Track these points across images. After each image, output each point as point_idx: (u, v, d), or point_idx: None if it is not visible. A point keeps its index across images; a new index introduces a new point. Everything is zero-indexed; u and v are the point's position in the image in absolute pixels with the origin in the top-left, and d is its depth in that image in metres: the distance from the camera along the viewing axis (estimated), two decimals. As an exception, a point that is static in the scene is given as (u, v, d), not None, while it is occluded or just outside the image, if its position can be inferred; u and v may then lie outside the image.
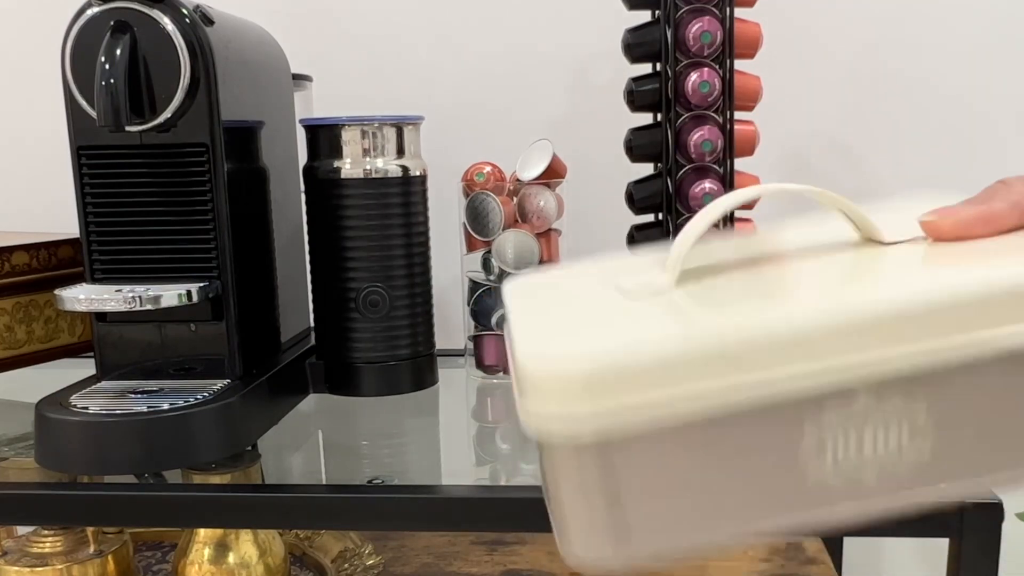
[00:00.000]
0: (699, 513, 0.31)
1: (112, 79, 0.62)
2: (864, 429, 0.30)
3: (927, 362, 0.30)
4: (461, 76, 1.07)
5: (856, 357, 0.29)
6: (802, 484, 0.31)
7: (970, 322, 0.30)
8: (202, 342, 0.71)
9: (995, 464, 0.32)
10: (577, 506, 0.32)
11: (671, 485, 0.31)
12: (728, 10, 0.79)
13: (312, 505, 0.61)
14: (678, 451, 0.30)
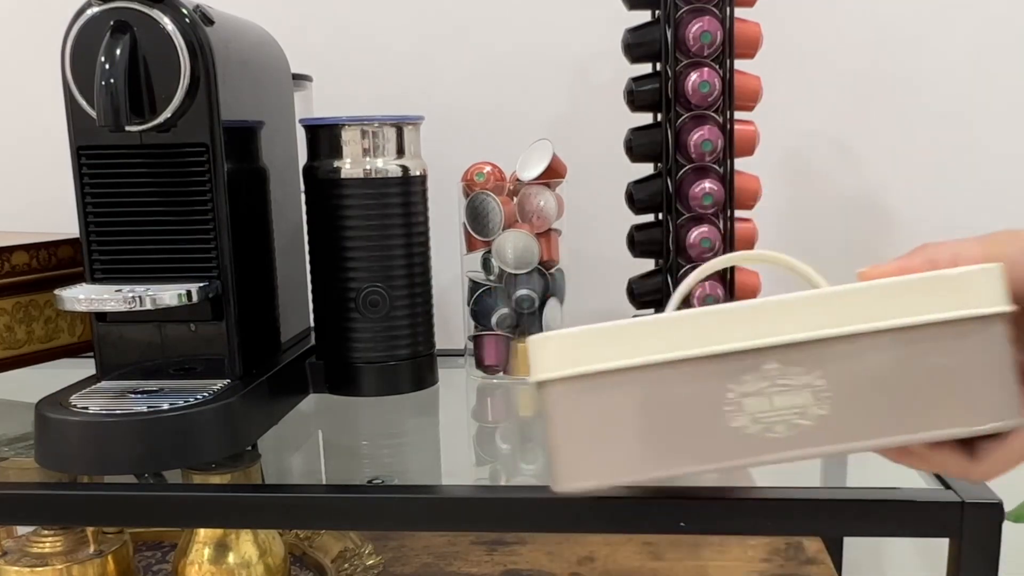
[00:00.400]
0: (649, 451, 0.44)
1: (112, 79, 0.62)
2: (774, 391, 0.41)
3: (819, 336, 0.40)
4: (461, 76, 1.07)
5: (767, 333, 0.41)
6: (728, 432, 0.42)
7: (854, 310, 0.41)
8: (202, 342, 0.71)
9: (885, 429, 0.41)
10: (562, 437, 0.45)
11: (627, 425, 0.43)
12: (728, 10, 0.79)
13: (312, 505, 0.61)
14: (633, 396, 0.43)
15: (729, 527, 0.61)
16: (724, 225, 0.82)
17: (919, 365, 0.41)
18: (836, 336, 0.41)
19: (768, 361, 0.41)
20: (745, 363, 0.41)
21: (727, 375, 0.42)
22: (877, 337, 0.41)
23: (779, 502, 0.58)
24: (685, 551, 0.96)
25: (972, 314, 0.40)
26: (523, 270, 0.86)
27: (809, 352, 0.41)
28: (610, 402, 0.43)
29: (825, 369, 0.41)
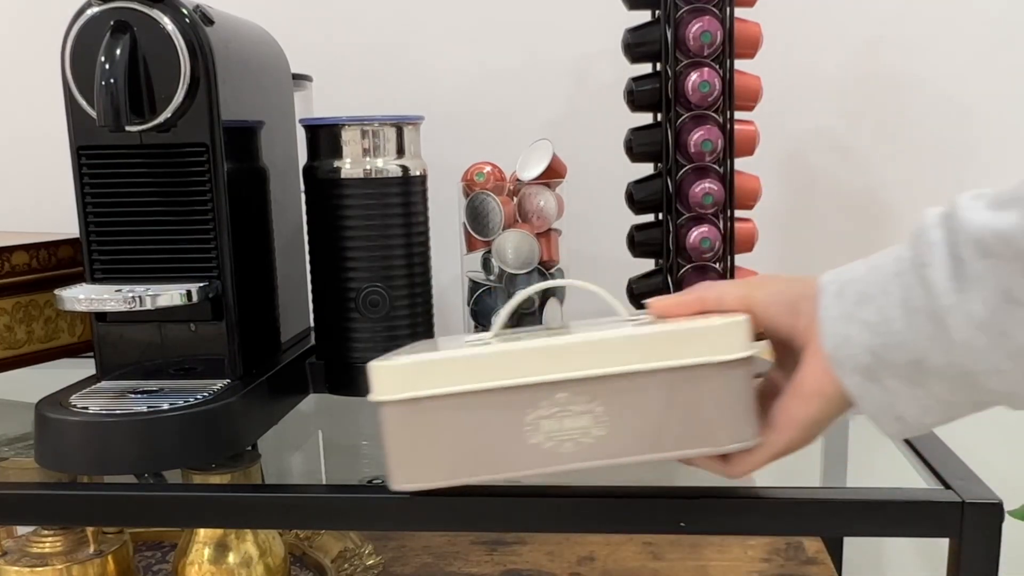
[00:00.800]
0: (466, 461, 0.52)
1: (112, 79, 0.62)
2: (564, 415, 0.51)
3: (598, 374, 0.50)
4: (461, 76, 1.07)
5: (558, 370, 0.50)
6: (527, 447, 0.51)
7: (627, 353, 0.50)
8: (202, 342, 0.71)
9: (650, 448, 0.51)
10: (394, 446, 0.54)
11: (447, 439, 0.52)
12: (728, 10, 0.79)
13: (312, 505, 0.61)
14: (451, 417, 0.52)
15: (729, 527, 0.61)
16: (724, 225, 0.82)
17: (677, 398, 0.51)
18: (612, 374, 0.50)
19: (559, 392, 0.50)
20: (541, 393, 0.50)
21: (527, 402, 0.51)
22: (644, 375, 0.50)
23: (779, 502, 0.58)
24: (685, 551, 0.96)
25: (718, 360, 0.50)
26: (523, 270, 0.86)
27: (591, 385, 0.50)
28: (432, 420, 0.52)
29: (603, 399, 0.50)
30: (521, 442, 0.51)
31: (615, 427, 0.51)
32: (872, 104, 1.05)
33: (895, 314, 0.47)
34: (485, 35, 1.07)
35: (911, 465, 0.66)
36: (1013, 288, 0.43)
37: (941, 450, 0.66)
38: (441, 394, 0.51)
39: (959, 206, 0.45)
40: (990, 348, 0.44)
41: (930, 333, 0.46)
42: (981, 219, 0.44)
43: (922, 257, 0.46)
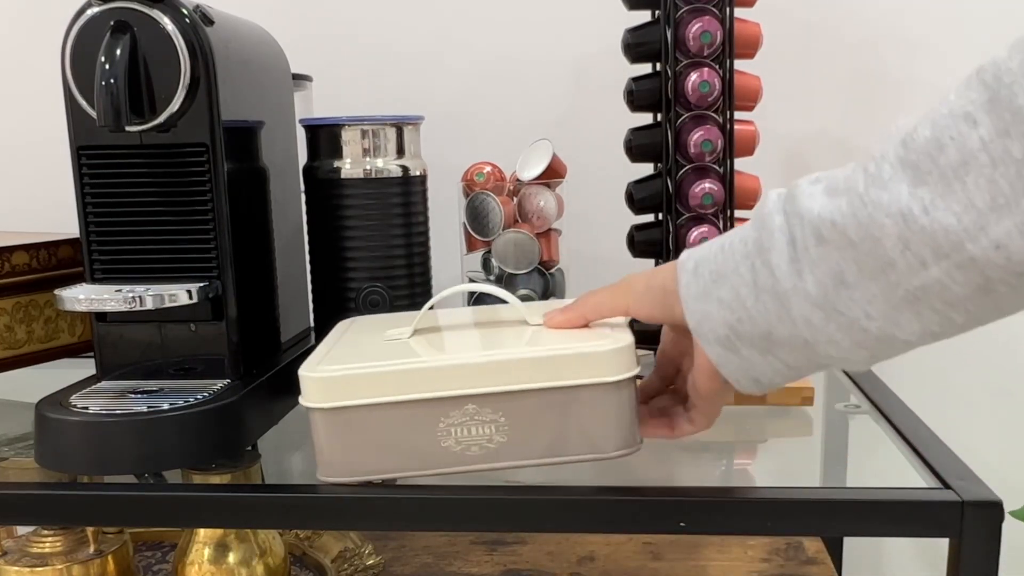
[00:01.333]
0: (387, 459, 0.59)
1: (112, 79, 0.62)
2: (472, 424, 0.58)
3: (500, 391, 0.57)
4: (461, 76, 1.07)
5: (467, 386, 0.57)
6: (440, 449, 0.58)
7: (524, 373, 0.58)
8: (202, 342, 0.71)
9: (545, 453, 0.59)
10: (322, 444, 0.60)
11: (370, 441, 0.59)
12: (728, 10, 0.79)
13: (312, 505, 0.61)
14: (374, 422, 0.58)
15: (729, 527, 0.61)
16: (724, 225, 0.82)
17: (569, 412, 0.58)
18: (513, 391, 0.58)
19: (468, 403, 0.58)
20: (453, 404, 0.58)
21: (440, 411, 0.58)
22: (541, 393, 0.58)
23: (779, 502, 0.58)
24: (685, 551, 0.96)
25: (605, 381, 0.58)
26: (523, 270, 0.86)
27: (495, 400, 0.58)
28: (356, 426, 0.58)
29: (505, 411, 0.58)
30: (435, 445, 0.58)
31: (515, 435, 0.58)
32: (872, 104, 1.05)
33: (746, 293, 0.52)
34: (485, 35, 1.07)
35: (911, 465, 0.66)
36: (844, 272, 0.48)
37: (941, 450, 0.66)
38: (364, 404, 0.58)
39: (799, 192, 0.50)
40: (825, 323, 0.50)
41: (776, 310, 0.51)
42: (817, 207, 0.49)
43: (765, 242, 0.51)
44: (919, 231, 0.45)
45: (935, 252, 0.45)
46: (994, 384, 0.73)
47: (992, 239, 0.44)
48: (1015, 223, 0.43)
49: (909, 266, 0.46)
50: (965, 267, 0.45)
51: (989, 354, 1.10)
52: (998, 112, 0.43)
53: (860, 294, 0.49)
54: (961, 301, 0.47)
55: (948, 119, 0.45)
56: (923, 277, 0.46)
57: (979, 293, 0.46)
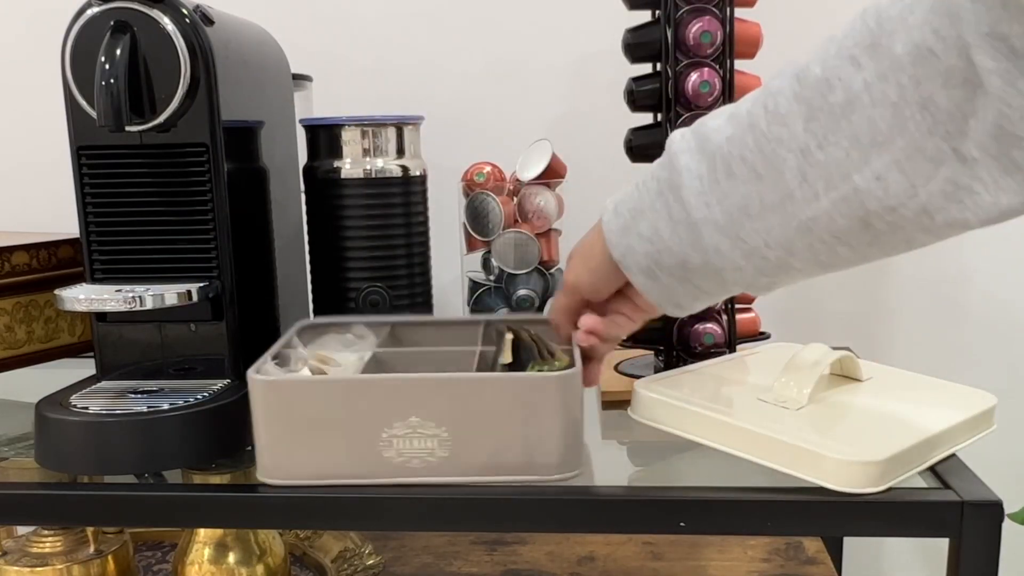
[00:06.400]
0: (327, 465, 0.60)
1: (112, 79, 0.62)
2: (414, 437, 0.59)
3: (443, 407, 0.59)
4: (461, 76, 1.07)
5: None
6: (380, 459, 0.59)
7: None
8: (202, 342, 0.71)
9: (488, 471, 0.60)
10: (264, 445, 0.61)
11: (312, 446, 0.60)
12: (728, 10, 0.79)
13: (312, 505, 0.61)
14: (319, 431, 0.59)
15: (729, 527, 0.61)
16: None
17: (512, 433, 0.59)
18: (456, 408, 0.59)
19: (412, 416, 0.58)
20: (396, 415, 0.59)
21: (383, 422, 0.59)
22: (484, 413, 0.59)
23: (779, 502, 0.58)
24: (685, 551, 0.96)
25: (551, 405, 0.59)
26: (523, 270, 0.86)
27: (438, 415, 0.59)
28: (300, 429, 0.59)
29: (448, 427, 0.59)
30: (376, 455, 0.59)
31: (456, 451, 0.59)
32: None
33: (662, 226, 0.57)
34: (485, 35, 1.07)
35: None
36: (749, 205, 0.53)
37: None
38: (308, 412, 0.59)
39: (706, 130, 0.55)
40: (731, 250, 0.55)
41: (689, 240, 0.56)
42: (725, 143, 0.53)
43: (675, 180, 0.56)
44: (815, 164, 0.50)
45: (827, 183, 0.50)
46: (994, 384, 0.73)
47: (873, 171, 0.49)
48: (892, 158, 0.48)
49: (804, 197, 0.51)
50: (849, 199, 0.50)
51: (989, 354, 1.10)
52: (878, 57, 0.48)
53: (761, 224, 0.53)
54: (845, 234, 0.52)
55: (836, 60, 0.49)
56: (815, 208, 0.51)
57: (860, 227, 0.51)
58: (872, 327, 1.11)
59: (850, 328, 1.10)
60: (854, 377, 0.74)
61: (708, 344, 0.81)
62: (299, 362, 0.66)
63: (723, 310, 0.82)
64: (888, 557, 1.16)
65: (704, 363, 0.78)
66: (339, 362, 0.68)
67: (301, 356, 0.67)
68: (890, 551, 1.15)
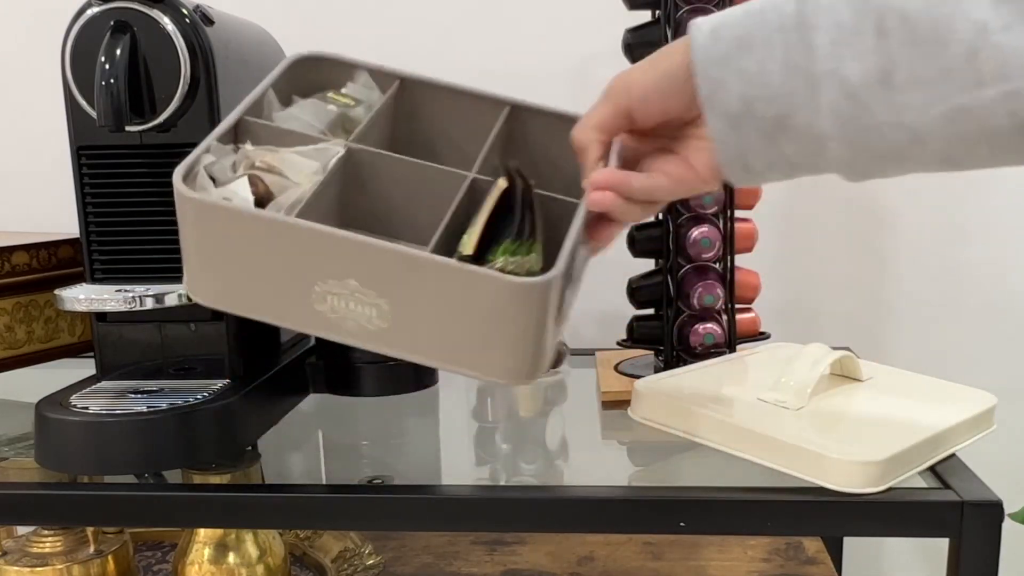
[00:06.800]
0: (254, 296, 0.53)
1: (112, 79, 0.62)
2: (351, 299, 0.51)
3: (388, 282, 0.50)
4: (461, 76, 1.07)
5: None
6: (311, 310, 0.52)
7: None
8: (202, 342, 0.71)
9: (427, 355, 0.53)
10: (191, 256, 0.55)
11: (242, 270, 0.53)
12: (728, 10, 0.79)
13: (312, 505, 0.61)
14: (247, 254, 0.52)
15: (729, 527, 0.61)
16: (724, 225, 0.82)
17: (461, 318, 0.51)
18: (399, 285, 0.51)
19: (350, 278, 0.51)
20: (333, 273, 0.51)
21: (316, 275, 0.51)
22: (432, 296, 0.51)
23: (779, 502, 0.58)
24: (685, 551, 0.96)
25: (509, 293, 0.50)
26: (523, 270, 0.86)
27: (381, 285, 0.51)
28: (228, 249, 0.53)
29: (390, 299, 0.51)
30: (308, 305, 0.52)
31: (398, 326, 0.52)
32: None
33: (774, 68, 0.48)
34: (485, 35, 1.07)
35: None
36: (894, 72, 0.45)
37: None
38: (233, 241, 0.53)
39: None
40: (851, 118, 0.47)
41: (803, 93, 0.47)
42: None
43: (811, 17, 0.47)
44: (991, 47, 0.42)
45: (1000, 71, 0.43)
46: (994, 384, 0.73)
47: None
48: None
49: (965, 81, 0.43)
50: (1017, 97, 0.43)
51: (989, 354, 1.10)
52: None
53: (900, 99, 0.45)
54: (997, 135, 0.44)
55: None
56: (974, 96, 0.44)
57: (1016, 132, 0.44)
58: (872, 327, 1.11)
59: (850, 328, 1.09)
60: (854, 377, 0.74)
61: (708, 344, 0.81)
62: (242, 164, 0.57)
63: (723, 310, 0.82)
64: (888, 557, 1.16)
65: (704, 363, 0.78)
66: (287, 173, 0.57)
67: (244, 156, 0.57)
68: (890, 551, 1.15)
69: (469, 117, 0.65)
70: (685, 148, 0.53)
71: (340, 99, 0.63)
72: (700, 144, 0.53)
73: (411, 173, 0.60)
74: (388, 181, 0.61)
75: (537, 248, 0.54)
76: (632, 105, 0.54)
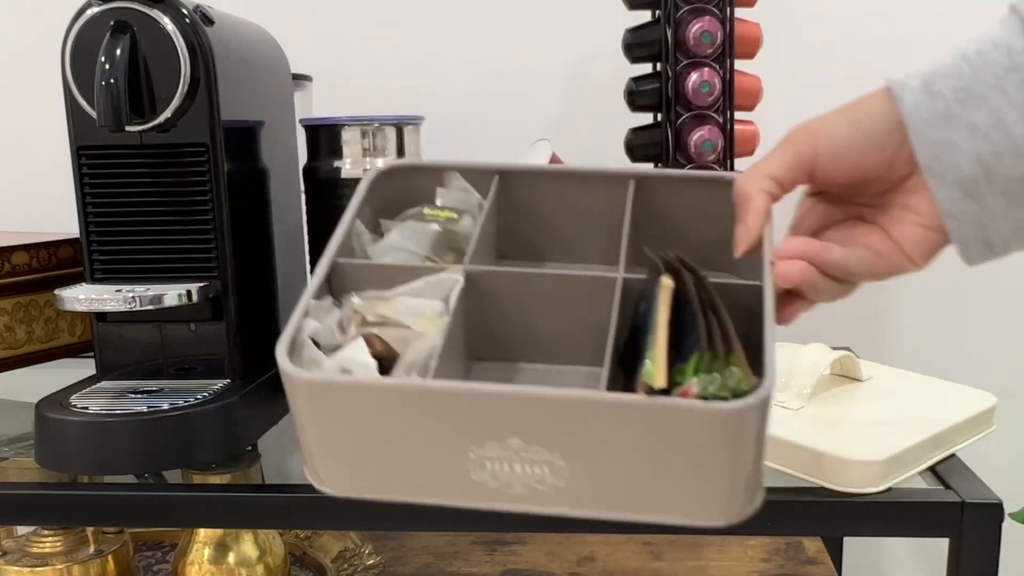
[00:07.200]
0: (395, 473, 0.45)
1: (112, 79, 0.62)
2: (515, 461, 0.42)
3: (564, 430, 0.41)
4: (461, 76, 1.07)
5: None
6: (467, 480, 0.43)
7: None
8: (202, 342, 0.71)
9: (618, 508, 0.43)
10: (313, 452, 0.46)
11: (386, 461, 0.45)
12: (728, 10, 0.79)
13: (312, 505, 0.61)
14: (391, 442, 0.44)
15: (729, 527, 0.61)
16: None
17: (651, 470, 0.42)
18: (577, 436, 0.41)
19: (511, 437, 0.42)
20: (488, 435, 0.42)
21: (469, 440, 0.42)
22: (617, 442, 0.41)
23: (779, 502, 0.58)
24: (685, 551, 0.96)
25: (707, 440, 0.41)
26: (523, 270, 0.86)
27: (552, 439, 0.41)
28: (355, 437, 0.45)
29: (564, 453, 0.42)
30: (463, 476, 0.44)
31: (577, 482, 0.43)
32: (872, 104, 1.05)
33: (1013, 117, 0.40)
34: (485, 35, 1.07)
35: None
36: None
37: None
38: (365, 421, 0.44)
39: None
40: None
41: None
42: None
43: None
44: None
45: None
46: (994, 384, 0.73)
47: None
48: None
49: None
50: None
51: (989, 354, 1.10)
52: None
53: None
54: None
55: None
56: None
57: None
58: (872, 327, 1.11)
59: (850, 328, 1.09)
60: (854, 377, 0.74)
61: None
62: (352, 322, 0.48)
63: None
64: (888, 557, 1.16)
65: None
66: (407, 322, 0.47)
67: (352, 310, 0.49)
68: (890, 551, 1.15)
69: (588, 201, 0.55)
70: (883, 218, 0.45)
71: (440, 214, 0.53)
72: (905, 215, 0.44)
73: (546, 286, 0.50)
74: (520, 299, 0.52)
75: (736, 358, 0.43)
76: (818, 158, 0.45)
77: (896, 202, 0.45)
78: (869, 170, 0.44)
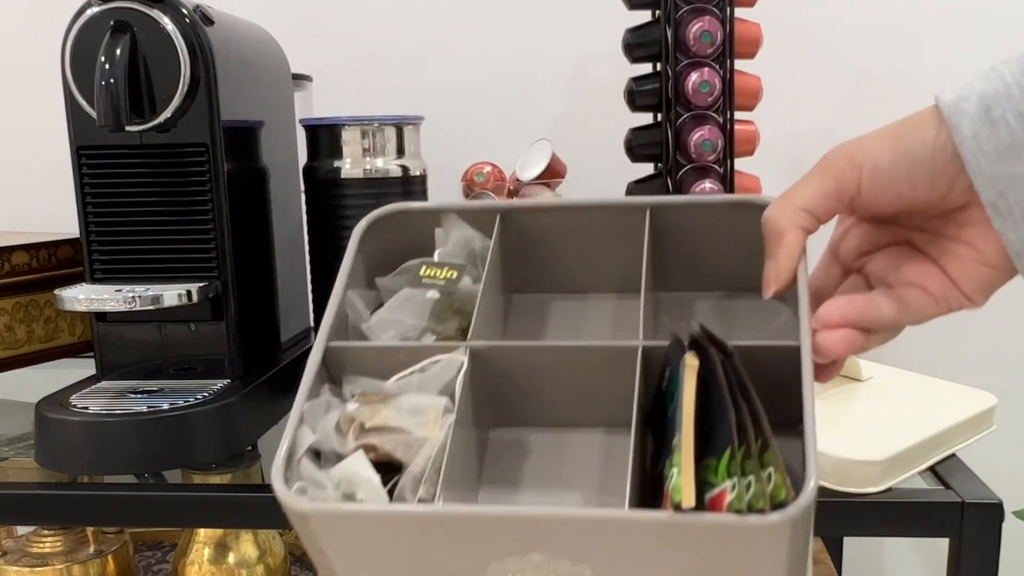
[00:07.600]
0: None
1: (112, 79, 0.62)
2: (538, 573, 0.39)
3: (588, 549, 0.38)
4: (461, 76, 1.07)
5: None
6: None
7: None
8: (202, 342, 0.71)
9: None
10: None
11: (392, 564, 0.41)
12: (728, 10, 0.79)
13: (312, 505, 0.61)
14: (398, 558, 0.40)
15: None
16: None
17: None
18: (605, 551, 0.38)
19: (533, 552, 0.39)
20: (508, 550, 0.39)
21: (488, 555, 0.39)
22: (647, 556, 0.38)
23: (779, 502, 0.58)
24: None
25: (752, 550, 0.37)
26: (523, 270, 0.86)
27: (579, 550, 0.38)
28: (386, 563, 0.42)
29: (592, 563, 0.38)
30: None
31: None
32: (873, 104, 1.05)
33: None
34: (485, 35, 1.07)
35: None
36: None
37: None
38: (374, 548, 0.41)
39: None
40: None
41: None
42: None
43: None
44: None
45: None
46: (994, 384, 0.73)
47: None
48: None
49: None
50: None
51: (989, 354, 1.10)
52: None
53: None
54: None
55: None
56: None
57: None
58: (872, 327, 1.11)
59: (850, 328, 1.09)
60: (854, 377, 0.74)
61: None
62: (349, 429, 0.44)
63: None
64: (888, 557, 1.16)
65: None
66: (408, 427, 0.43)
67: (351, 418, 0.44)
68: (890, 551, 1.15)
69: (598, 231, 0.50)
70: (936, 249, 0.41)
71: (440, 274, 0.48)
72: (962, 251, 0.40)
73: (559, 359, 0.46)
74: (530, 372, 0.47)
75: (772, 455, 0.38)
76: (860, 188, 0.40)
77: (951, 234, 0.40)
78: (917, 201, 0.39)
